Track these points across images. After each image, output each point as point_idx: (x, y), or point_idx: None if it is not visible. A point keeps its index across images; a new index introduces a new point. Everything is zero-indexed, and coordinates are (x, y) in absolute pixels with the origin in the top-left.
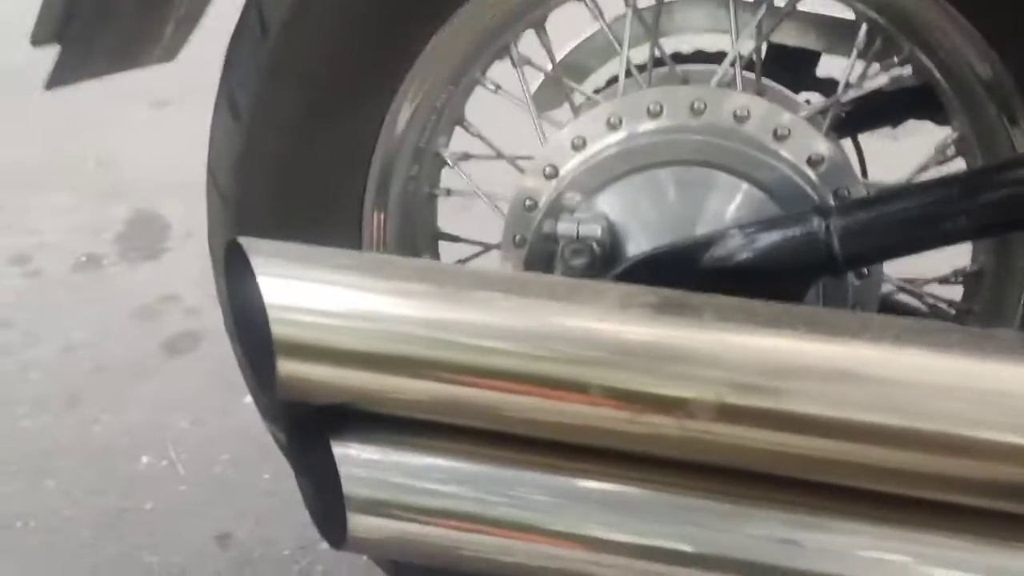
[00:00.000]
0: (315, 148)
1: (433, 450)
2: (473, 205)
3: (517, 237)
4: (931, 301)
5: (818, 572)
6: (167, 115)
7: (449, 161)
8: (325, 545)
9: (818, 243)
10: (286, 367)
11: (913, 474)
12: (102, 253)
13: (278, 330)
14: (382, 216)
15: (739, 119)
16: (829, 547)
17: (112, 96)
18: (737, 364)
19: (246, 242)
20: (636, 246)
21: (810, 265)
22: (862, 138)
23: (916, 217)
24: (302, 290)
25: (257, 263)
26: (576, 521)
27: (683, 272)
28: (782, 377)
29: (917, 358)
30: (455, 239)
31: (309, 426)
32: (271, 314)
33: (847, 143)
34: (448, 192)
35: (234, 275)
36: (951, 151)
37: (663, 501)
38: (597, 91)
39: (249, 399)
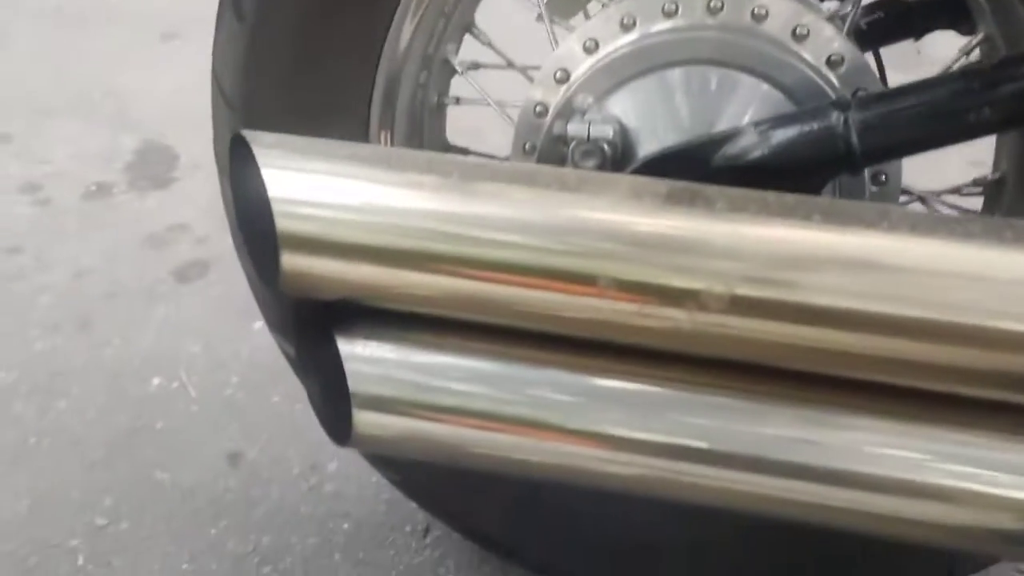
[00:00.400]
0: (322, 50)
1: (440, 347)
2: (483, 130)
3: (527, 144)
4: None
5: (828, 466)
6: (175, 48)
7: (458, 68)
8: (335, 465)
9: (836, 137)
10: (291, 261)
11: (930, 366)
12: (112, 182)
13: (282, 223)
14: (389, 126)
15: (757, 18)
16: (841, 441)
17: (120, 29)
18: (749, 254)
19: (249, 135)
20: (649, 148)
21: (827, 160)
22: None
23: (938, 109)
24: (307, 182)
25: (260, 155)
26: (585, 417)
27: (697, 170)
28: (796, 268)
29: (935, 248)
30: (464, 151)
31: (315, 323)
32: (275, 207)
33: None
34: (457, 100)
35: (238, 172)
36: (975, 55)
37: (676, 398)
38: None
39: (258, 325)
